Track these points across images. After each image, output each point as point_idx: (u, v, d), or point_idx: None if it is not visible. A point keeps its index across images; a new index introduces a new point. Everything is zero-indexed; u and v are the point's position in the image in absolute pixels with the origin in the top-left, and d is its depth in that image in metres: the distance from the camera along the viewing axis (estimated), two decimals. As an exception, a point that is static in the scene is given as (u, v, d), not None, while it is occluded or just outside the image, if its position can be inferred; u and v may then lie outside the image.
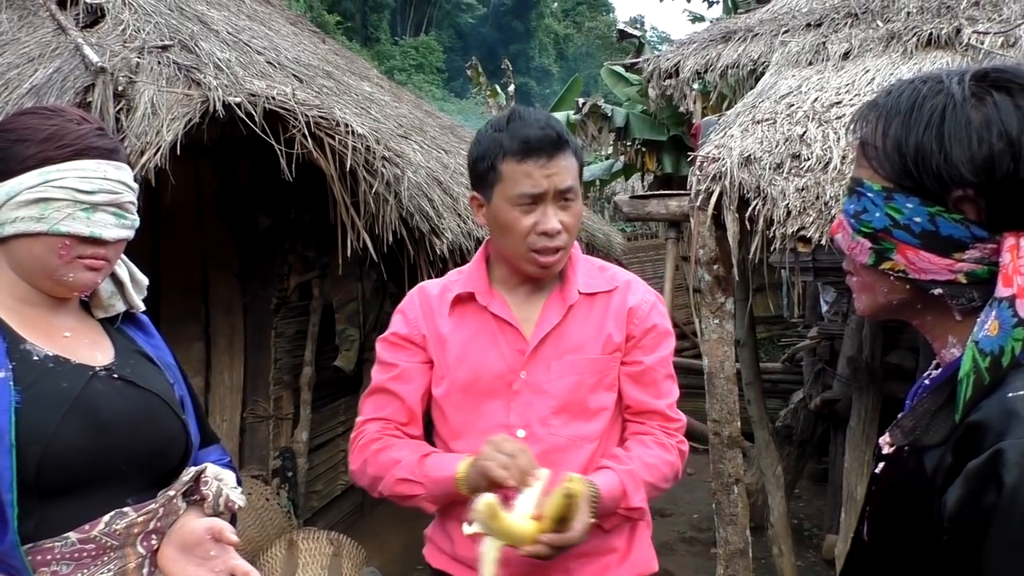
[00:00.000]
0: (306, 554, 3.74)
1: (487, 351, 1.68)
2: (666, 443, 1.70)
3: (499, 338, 1.68)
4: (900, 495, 0.94)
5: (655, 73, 5.04)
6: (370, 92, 4.64)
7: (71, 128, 1.29)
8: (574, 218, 1.64)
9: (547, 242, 1.60)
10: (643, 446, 1.68)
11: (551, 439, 1.64)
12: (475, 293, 1.71)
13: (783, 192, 2.95)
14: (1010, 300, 0.84)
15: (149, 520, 1.29)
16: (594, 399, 1.67)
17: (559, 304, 1.69)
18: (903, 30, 4.18)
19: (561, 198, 1.60)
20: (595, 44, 43.59)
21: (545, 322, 1.67)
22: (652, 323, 1.71)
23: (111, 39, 3.20)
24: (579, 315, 1.69)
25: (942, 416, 0.89)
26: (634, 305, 1.71)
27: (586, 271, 1.74)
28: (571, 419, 1.66)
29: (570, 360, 1.67)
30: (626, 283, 1.75)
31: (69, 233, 1.25)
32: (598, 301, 1.71)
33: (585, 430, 1.66)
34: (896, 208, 0.90)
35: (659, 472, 1.67)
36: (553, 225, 1.59)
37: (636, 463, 1.63)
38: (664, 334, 1.74)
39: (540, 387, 1.66)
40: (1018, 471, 0.77)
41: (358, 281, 4.38)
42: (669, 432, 1.72)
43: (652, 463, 1.66)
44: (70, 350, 1.31)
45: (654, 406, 1.71)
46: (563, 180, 1.60)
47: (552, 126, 1.61)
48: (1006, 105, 0.85)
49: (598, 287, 1.72)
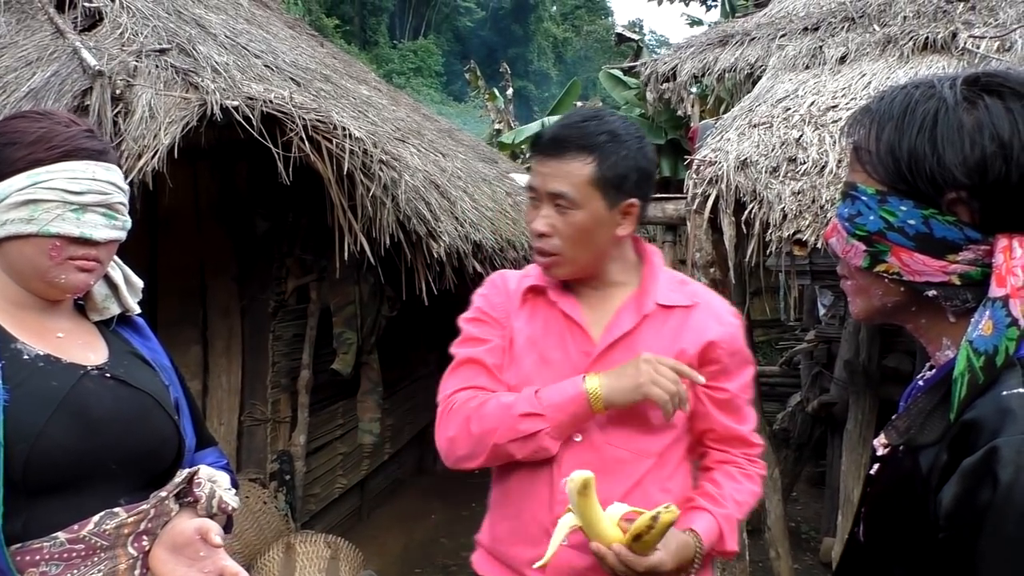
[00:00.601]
0: (303, 557, 3.73)
1: (553, 349, 1.63)
2: (751, 472, 1.67)
3: (567, 337, 1.63)
4: (896, 495, 0.94)
5: (652, 77, 5.06)
6: (368, 95, 4.65)
7: (60, 130, 1.29)
8: (569, 227, 1.55)
9: (535, 242, 1.58)
10: (732, 480, 1.64)
11: (607, 448, 1.58)
12: (547, 287, 1.66)
13: (779, 196, 2.96)
14: (1003, 300, 0.85)
15: (140, 521, 1.29)
16: (657, 415, 1.57)
17: (633, 311, 1.61)
18: (899, 34, 4.20)
19: (553, 203, 1.55)
20: (594, 48, 43.65)
21: (616, 327, 1.60)
22: (736, 347, 1.64)
23: (109, 43, 3.21)
24: (652, 326, 1.61)
25: (937, 415, 0.90)
26: (720, 329, 1.62)
27: (666, 283, 1.65)
28: (631, 431, 1.59)
29: None
30: (708, 302, 1.66)
31: (59, 234, 1.26)
32: (674, 315, 1.62)
33: (645, 444, 1.59)
34: (890, 211, 0.91)
35: (748, 507, 1.65)
36: (535, 225, 1.56)
37: (730, 504, 1.60)
38: (747, 359, 1.67)
39: None
40: (1013, 468, 0.78)
41: (356, 284, 4.38)
42: (752, 459, 1.68)
43: (743, 500, 1.63)
44: (62, 350, 1.31)
45: (738, 432, 1.66)
46: (554, 184, 1.54)
47: (570, 126, 1.56)
48: (997, 108, 0.86)
49: (676, 301, 1.63)
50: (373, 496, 5.51)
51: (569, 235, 1.55)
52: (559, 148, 1.54)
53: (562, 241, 1.56)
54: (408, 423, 5.85)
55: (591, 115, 1.60)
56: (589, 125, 1.55)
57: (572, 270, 1.61)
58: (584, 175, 1.53)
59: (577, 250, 1.57)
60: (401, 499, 5.84)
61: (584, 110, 1.67)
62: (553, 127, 1.59)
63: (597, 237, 1.57)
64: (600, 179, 1.53)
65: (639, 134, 1.60)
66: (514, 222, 4.86)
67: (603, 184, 1.53)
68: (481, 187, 4.88)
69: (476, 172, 5.24)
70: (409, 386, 5.82)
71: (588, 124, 1.55)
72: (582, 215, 1.54)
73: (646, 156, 1.59)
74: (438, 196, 3.79)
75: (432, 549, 5.00)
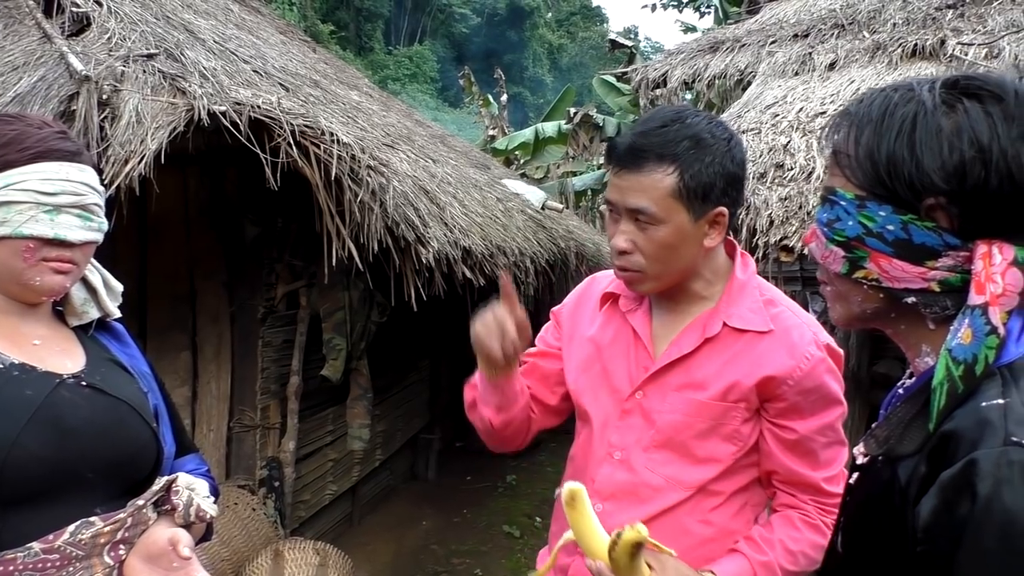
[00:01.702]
0: (292, 564, 3.71)
1: (617, 359, 1.57)
2: (818, 523, 1.46)
3: (631, 350, 1.55)
4: (874, 506, 0.93)
5: (643, 83, 5.06)
6: (358, 101, 4.65)
7: (32, 132, 1.29)
8: (651, 243, 1.42)
9: (615, 259, 1.48)
10: (789, 526, 1.47)
11: (644, 472, 1.50)
12: (622, 297, 1.60)
13: (766, 201, 2.96)
14: (983, 308, 0.84)
15: (116, 530, 1.28)
16: (703, 447, 1.48)
17: (697, 332, 1.49)
18: (889, 41, 4.22)
19: (633, 218, 1.43)
20: (588, 54, 43.78)
21: (675, 347, 1.50)
22: (812, 384, 1.45)
23: (96, 48, 3.20)
24: (716, 350, 1.48)
25: (916, 425, 0.89)
26: (786, 366, 1.44)
27: (747, 302, 1.50)
28: (673, 458, 1.49)
29: (687, 397, 1.48)
30: (787, 328, 1.47)
31: (33, 235, 1.25)
32: (745, 340, 1.47)
33: (684, 475, 1.48)
34: (869, 216, 0.90)
35: (805, 559, 1.44)
36: (616, 243, 1.45)
37: (777, 550, 1.43)
38: (830, 396, 1.47)
39: (650, 414, 1.51)
40: (992, 481, 0.77)
41: (345, 290, 4.36)
42: (824, 508, 1.47)
43: (797, 550, 1.44)
44: (38, 358, 1.30)
45: (806, 478, 1.47)
46: (632, 199, 1.41)
47: (648, 133, 1.42)
48: (976, 112, 0.85)
49: (752, 324, 1.48)
50: (364, 503, 5.49)
51: (651, 251, 1.43)
52: (636, 159, 1.41)
53: (644, 258, 1.44)
54: (399, 429, 5.83)
55: (671, 118, 1.43)
56: (669, 131, 1.41)
57: (656, 285, 1.49)
58: (665, 187, 1.39)
59: (661, 266, 1.45)
60: (392, 506, 5.82)
61: (664, 112, 1.47)
62: (630, 134, 1.44)
63: (683, 252, 1.45)
64: (683, 190, 1.39)
65: (727, 135, 1.46)
66: (504, 228, 4.85)
67: (687, 195, 1.40)
68: (472, 193, 4.88)
69: (467, 178, 5.24)
70: (400, 392, 5.80)
71: (668, 130, 1.41)
72: (665, 230, 1.41)
73: (734, 159, 1.44)
74: (427, 202, 3.79)
75: (423, 556, 4.98)
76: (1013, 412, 0.81)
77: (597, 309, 1.64)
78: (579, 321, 1.67)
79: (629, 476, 1.51)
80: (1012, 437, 0.79)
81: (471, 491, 6.03)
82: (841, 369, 1.51)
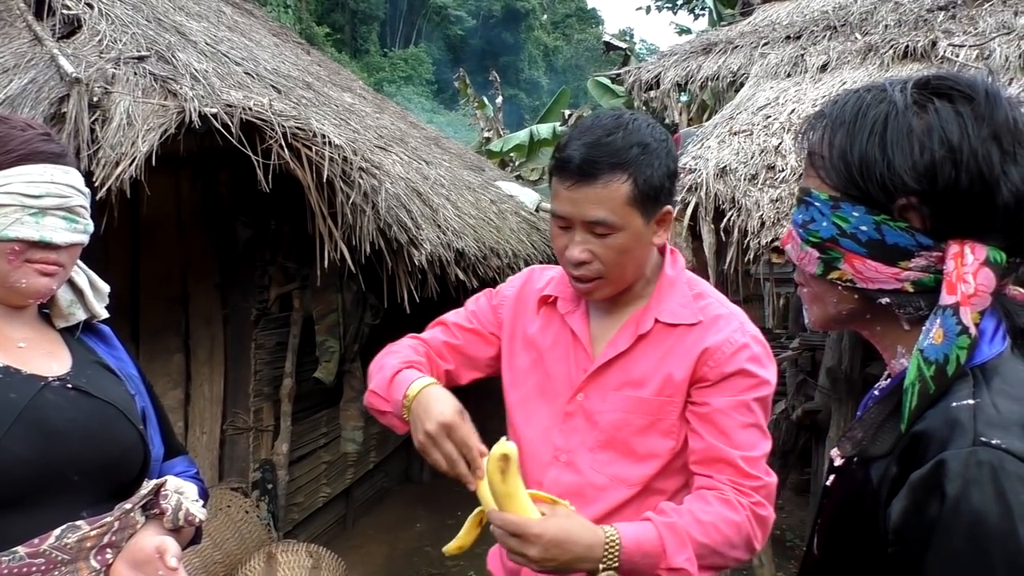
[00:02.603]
0: (285, 567, 3.70)
1: (558, 363, 1.58)
2: (732, 501, 1.42)
3: (570, 352, 1.57)
4: (848, 508, 0.93)
5: (636, 84, 5.06)
6: (351, 103, 4.65)
7: (16, 134, 1.28)
8: (610, 251, 1.44)
9: (573, 270, 1.48)
10: (701, 501, 1.44)
11: (590, 473, 1.51)
12: (559, 299, 1.60)
13: (757, 203, 2.97)
14: (954, 308, 0.83)
15: (103, 534, 1.27)
16: (642, 443, 1.49)
17: (631, 330, 1.52)
18: (880, 43, 4.22)
19: (589, 229, 1.43)
20: (584, 56, 43.81)
21: (611, 347, 1.53)
22: (734, 368, 1.46)
23: (87, 50, 3.19)
24: (650, 346, 1.51)
25: (888, 426, 0.89)
26: (712, 345, 1.47)
27: (677, 297, 1.53)
28: (616, 457, 1.51)
29: (626, 394, 1.50)
30: (714, 318, 1.51)
31: (18, 238, 1.25)
32: (676, 334, 1.50)
33: (627, 472, 1.50)
34: (843, 217, 0.90)
35: (718, 533, 1.39)
36: (573, 255, 1.45)
37: (685, 517, 1.39)
38: (749, 380, 1.47)
39: (592, 415, 1.52)
40: (960, 482, 0.77)
41: (338, 293, 4.36)
42: (742, 490, 1.43)
43: (708, 520, 1.39)
44: (23, 360, 1.29)
45: (723, 454, 1.44)
46: (591, 211, 1.41)
47: (597, 144, 1.40)
48: (947, 112, 0.85)
49: (682, 318, 1.51)
50: (358, 505, 5.49)
51: (610, 258, 1.45)
52: (591, 171, 1.40)
53: (603, 265, 1.45)
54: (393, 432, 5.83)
55: (614, 126, 1.43)
56: (616, 140, 1.41)
57: (614, 290, 1.51)
58: (621, 196, 1.40)
59: (619, 271, 1.47)
60: (386, 508, 5.82)
61: (603, 121, 1.46)
62: (578, 148, 1.42)
63: (636, 253, 1.48)
64: (638, 196, 1.41)
65: (663, 136, 1.48)
66: (497, 230, 4.86)
67: (640, 200, 1.42)
68: (465, 195, 4.88)
69: (460, 180, 5.24)
70: (394, 394, 5.79)
71: (615, 138, 1.41)
72: (622, 237, 1.43)
73: (673, 157, 1.47)
74: (420, 204, 3.79)
75: (416, 558, 4.97)
76: (983, 412, 0.81)
77: (535, 310, 1.64)
78: (520, 318, 1.66)
79: (575, 477, 1.52)
80: (981, 437, 0.79)
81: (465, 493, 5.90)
82: (770, 361, 1.52)
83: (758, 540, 1.44)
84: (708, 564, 1.41)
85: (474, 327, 1.69)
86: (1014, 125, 0.85)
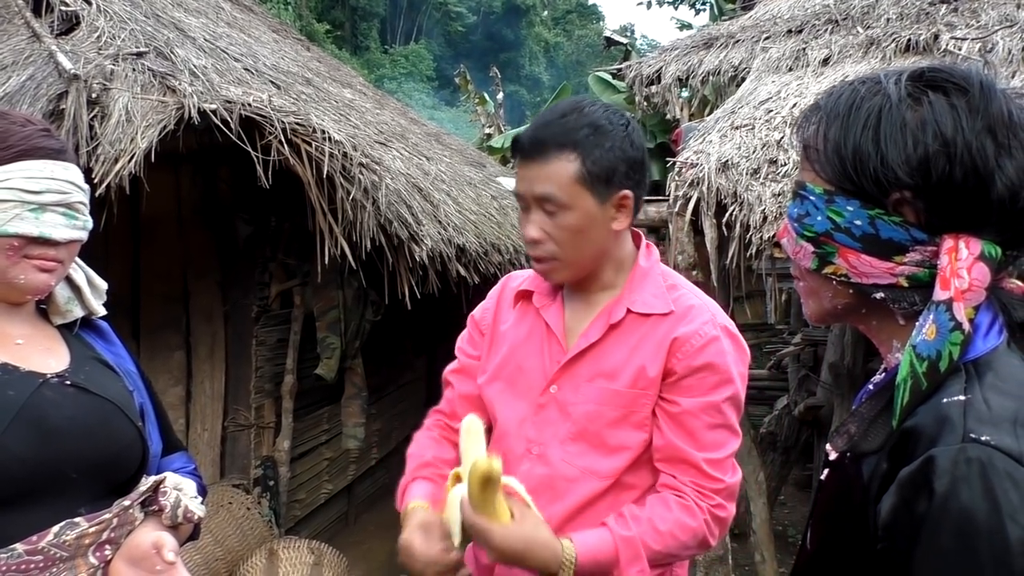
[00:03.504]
0: (286, 563, 3.70)
1: (531, 356, 1.59)
2: (692, 506, 1.45)
3: (544, 345, 1.58)
4: (840, 503, 0.93)
5: (637, 79, 5.05)
6: (350, 99, 4.64)
7: (15, 130, 1.28)
8: (561, 230, 1.46)
9: (529, 249, 1.52)
10: (663, 506, 1.46)
11: (561, 465, 1.52)
12: (534, 293, 1.62)
13: (759, 197, 2.96)
14: (947, 303, 0.83)
15: (101, 531, 1.27)
16: (614, 435, 1.50)
17: (603, 320, 1.53)
18: (882, 36, 4.21)
19: (541, 207, 1.47)
20: (585, 52, 43.77)
21: (584, 338, 1.53)
22: (702, 361, 1.46)
23: (86, 46, 3.18)
24: (622, 337, 1.51)
25: (880, 422, 0.88)
26: (681, 336, 1.47)
27: (650, 287, 1.54)
28: (588, 449, 1.51)
29: (599, 386, 1.51)
30: (686, 308, 1.50)
31: (17, 234, 1.24)
32: (648, 324, 1.50)
33: (598, 465, 1.50)
34: (837, 211, 0.89)
35: (673, 540, 1.43)
36: (527, 232, 1.49)
37: (644, 527, 1.42)
38: (719, 376, 1.47)
39: (565, 407, 1.53)
40: (949, 479, 0.76)
41: (339, 289, 4.35)
42: (703, 492, 1.46)
43: (666, 530, 1.43)
44: (21, 358, 1.29)
45: (687, 456, 1.46)
46: (539, 187, 1.45)
47: (548, 124, 1.46)
48: (941, 105, 0.84)
49: (654, 308, 1.51)
50: (360, 502, 5.49)
51: (562, 238, 1.47)
52: (539, 149, 1.45)
53: (556, 245, 1.48)
54: (395, 428, 5.82)
55: (569, 108, 1.48)
56: (568, 120, 1.45)
57: (572, 272, 1.53)
58: (569, 174, 1.44)
59: (573, 252, 1.49)
60: (388, 505, 5.77)
61: (562, 103, 1.52)
62: (531, 127, 1.50)
63: (592, 235, 1.49)
64: (586, 175, 1.44)
65: (624, 121, 1.50)
66: (499, 225, 4.85)
67: (590, 180, 1.44)
68: (466, 191, 4.87)
69: (461, 176, 5.23)
70: (396, 391, 5.80)
71: (567, 120, 1.45)
72: (573, 216, 1.45)
73: (633, 143, 1.48)
74: (421, 199, 3.78)
75: (419, 555, 4.97)
76: (974, 409, 0.80)
77: (512, 306, 1.66)
78: (499, 320, 1.68)
79: (546, 470, 1.52)
80: (971, 434, 0.78)
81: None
82: (742, 353, 1.53)
83: (714, 538, 1.49)
84: (661, 564, 1.48)
85: (465, 364, 1.73)
86: (1009, 118, 0.84)
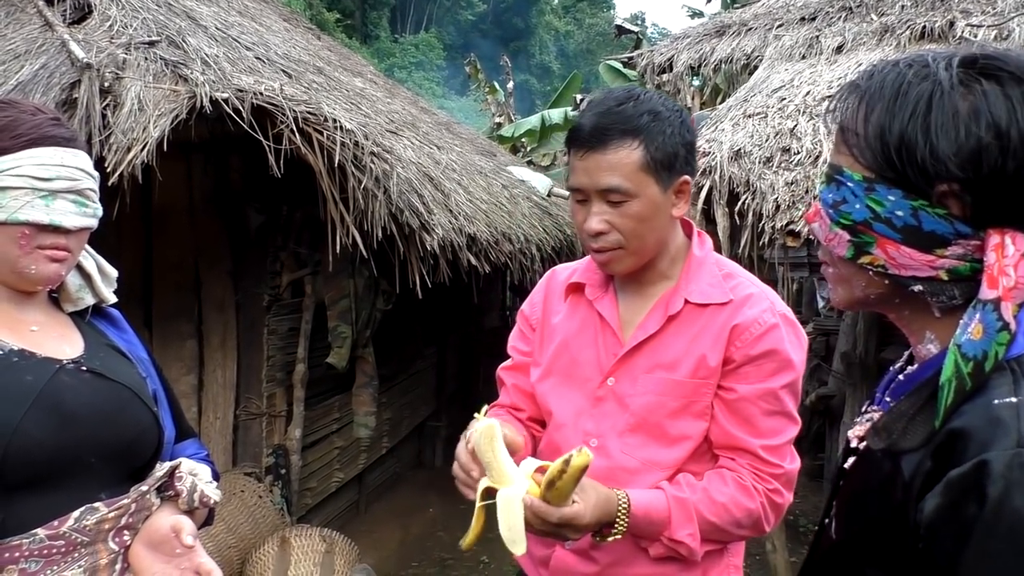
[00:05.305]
0: (298, 551, 3.72)
1: (586, 348, 1.57)
2: (750, 486, 1.45)
3: (599, 337, 1.56)
4: (873, 497, 0.91)
5: (649, 68, 5.02)
6: (362, 88, 4.63)
7: (25, 119, 1.28)
8: (627, 220, 1.44)
9: (591, 242, 1.48)
10: (720, 480, 1.46)
11: (621, 457, 1.51)
12: (586, 285, 1.60)
13: (772, 186, 2.94)
14: (995, 303, 0.80)
15: (121, 515, 1.28)
16: (675, 425, 1.49)
17: (661, 311, 1.51)
18: (897, 23, 4.17)
19: (605, 198, 1.44)
20: (596, 41, 43.57)
21: (642, 329, 1.51)
22: (762, 349, 1.45)
23: (98, 35, 3.19)
24: (681, 327, 1.49)
25: (920, 420, 0.86)
26: (741, 323, 1.45)
27: (707, 277, 1.52)
28: (647, 441, 1.50)
29: (659, 377, 1.49)
30: (745, 297, 1.49)
31: (28, 221, 1.25)
32: (707, 314, 1.49)
33: (660, 456, 1.49)
34: (877, 200, 0.85)
35: (727, 514, 1.43)
36: (591, 226, 1.45)
37: (699, 494, 1.43)
38: (778, 363, 1.45)
39: (623, 399, 1.52)
40: (1003, 484, 0.74)
41: (350, 278, 4.36)
42: (761, 475, 1.45)
43: (721, 501, 1.43)
44: (37, 344, 1.30)
45: (745, 444, 1.45)
46: (604, 178, 1.42)
47: (608, 112, 1.43)
48: (995, 94, 0.80)
49: (712, 298, 1.49)
50: (371, 490, 5.51)
51: (628, 228, 1.45)
52: (601, 138, 1.42)
53: (623, 235, 1.45)
54: (406, 417, 5.84)
55: (625, 96, 1.46)
56: (627, 108, 1.42)
57: (635, 262, 1.50)
58: (633, 161, 1.41)
59: (639, 241, 1.47)
60: (399, 493, 5.84)
61: (616, 92, 1.49)
62: (589, 116, 1.44)
63: (656, 224, 1.47)
64: (651, 162, 1.42)
65: (678, 107, 1.49)
66: (509, 215, 4.84)
67: (655, 167, 1.43)
68: (477, 180, 4.86)
69: (472, 165, 5.22)
70: (407, 380, 5.81)
71: (626, 107, 1.43)
72: (639, 204, 1.43)
73: (689, 129, 1.48)
74: (432, 189, 3.77)
75: (429, 543, 5.00)
76: None
77: (562, 300, 1.65)
78: (550, 314, 1.67)
79: (606, 462, 1.50)
80: None
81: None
82: (801, 341, 1.51)
83: (769, 523, 1.48)
84: (714, 539, 1.46)
85: (519, 361, 1.72)
86: None
